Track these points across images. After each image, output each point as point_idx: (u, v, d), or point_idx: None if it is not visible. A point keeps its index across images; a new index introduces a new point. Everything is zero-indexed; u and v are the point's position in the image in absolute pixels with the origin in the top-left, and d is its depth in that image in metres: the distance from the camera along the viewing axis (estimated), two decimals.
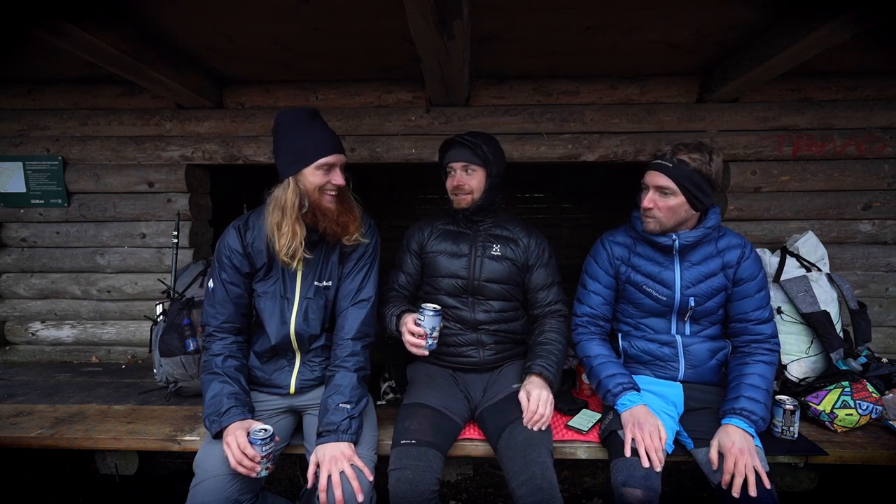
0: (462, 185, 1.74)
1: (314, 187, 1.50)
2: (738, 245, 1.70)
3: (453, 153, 1.76)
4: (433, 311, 1.54)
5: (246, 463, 1.34)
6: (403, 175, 5.79)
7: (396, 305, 1.76)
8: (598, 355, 1.73)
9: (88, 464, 2.36)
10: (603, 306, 1.82)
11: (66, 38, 1.60)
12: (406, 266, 1.89)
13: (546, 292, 1.85)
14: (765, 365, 1.62)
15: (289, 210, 1.51)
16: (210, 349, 1.61)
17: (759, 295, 1.68)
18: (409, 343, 1.58)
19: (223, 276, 1.61)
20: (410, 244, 1.90)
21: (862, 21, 1.50)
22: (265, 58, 2.11)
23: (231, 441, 1.36)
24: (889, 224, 2.40)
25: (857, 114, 2.32)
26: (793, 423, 1.66)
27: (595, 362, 1.72)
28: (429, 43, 1.56)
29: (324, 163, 1.49)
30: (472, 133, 1.76)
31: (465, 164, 1.74)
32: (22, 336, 2.70)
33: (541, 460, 1.46)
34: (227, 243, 1.62)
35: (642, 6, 1.63)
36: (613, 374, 1.65)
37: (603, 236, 1.87)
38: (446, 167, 1.80)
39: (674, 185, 1.57)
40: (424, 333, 1.54)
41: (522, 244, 1.83)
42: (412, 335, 1.57)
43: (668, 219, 1.62)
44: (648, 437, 1.46)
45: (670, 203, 1.59)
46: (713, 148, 1.60)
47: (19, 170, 2.51)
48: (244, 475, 1.36)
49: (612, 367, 1.69)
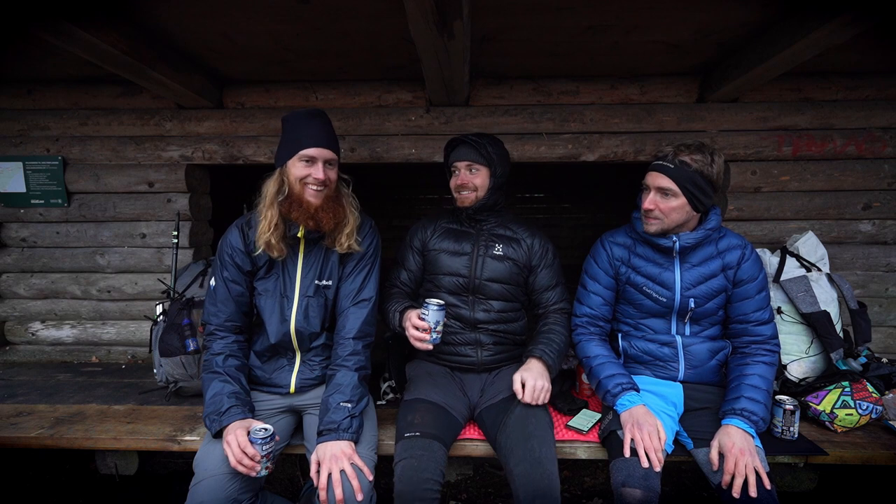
0: (466, 183, 1.75)
1: (295, 178, 1.53)
2: (739, 246, 1.70)
3: (458, 152, 1.77)
4: (437, 305, 1.56)
5: (246, 462, 1.34)
6: (403, 175, 5.80)
7: (399, 302, 1.77)
8: (597, 356, 1.73)
9: (88, 464, 2.36)
10: (603, 307, 1.81)
11: (66, 38, 1.60)
12: (408, 263, 1.90)
13: (551, 293, 1.87)
14: (765, 366, 1.62)
15: (267, 197, 1.55)
16: (211, 348, 1.61)
17: (760, 296, 1.68)
18: (414, 337, 1.59)
19: (225, 275, 1.62)
20: (413, 241, 1.91)
21: (861, 21, 1.50)
22: (265, 58, 2.11)
23: (231, 440, 1.36)
24: (889, 224, 2.40)
25: (857, 114, 2.32)
26: (793, 423, 1.66)
27: (595, 363, 1.72)
28: (429, 43, 1.56)
29: (305, 154, 1.51)
30: (478, 134, 1.78)
31: (470, 163, 1.74)
32: (22, 336, 2.70)
33: (539, 434, 1.49)
34: (229, 241, 1.63)
35: (642, 6, 1.63)
36: (613, 375, 1.65)
37: (603, 237, 1.87)
38: (451, 166, 1.81)
39: (675, 187, 1.56)
40: (429, 327, 1.56)
41: (525, 245, 1.83)
42: (416, 329, 1.58)
43: (669, 220, 1.62)
44: (647, 437, 1.46)
45: (671, 204, 1.58)
46: (715, 149, 1.59)
47: (19, 170, 2.51)
48: (244, 474, 1.36)
49: (611, 367, 1.68)
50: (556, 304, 1.87)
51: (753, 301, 1.68)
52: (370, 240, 1.71)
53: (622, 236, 1.82)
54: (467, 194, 1.77)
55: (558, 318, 1.84)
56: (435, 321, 1.56)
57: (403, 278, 1.91)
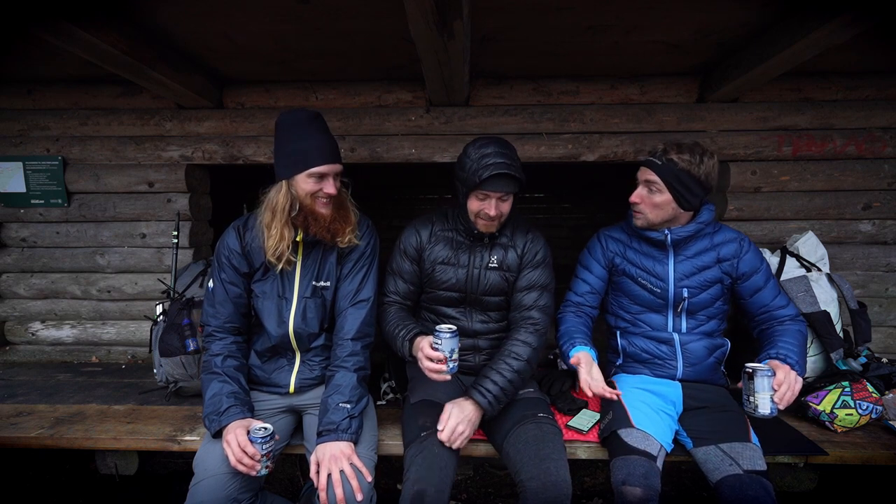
0: (498, 215, 1.60)
1: (306, 193, 1.51)
2: (735, 239, 1.74)
3: (500, 184, 1.53)
4: (450, 332, 1.45)
5: (246, 461, 1.34)
6: (403, 175, 5.79)
7: (404, 325, 1.67)
8: (566, 328, 1.77)
9: (88, 464, 2.36)
10: (589, 294, 1.86)
11: (66, 38, 1.60)
12: (403, 271, 1.79)
13: (525, 294, 1.71)
14: (794, 327, 1.67)
15: (279, 213, 1.52)
16: (210, 349, 1.61)
17: (771, 284, 1.73)
18: (429, 369, 1.47)
19: (223, 276, 1.62)
20: (406, 248, 1.78)
21: (861, 21, 1.50)
22: (265, 58, 2.11)
23: (231, 440, 1.36)
24: (889, 224, 2.40)
25: (857, 114, 2.32)
26: (753, 391, 1.44)
27: (562, 335, 1.76)
28: (429, 43, 1.56)
29: (316, 172, 1.49)
30: (506, 151, 1.54)
31: (506, 193, 1.57)
32: (22, 336, 2.70)
33: (555, 457, 1.44)
34: (226, 243, 1.63)
35: (642, 6, 1.63)
36: (572, 337, 1.70)
37: (600, 231, 1.93)
38: (480, 190, 1.56)
39: (660, 182, 1.61)
40: (444, 357, 1.45)
41: (518, 250, 1.74)
42: (431, 360, 1.46)
43: (653, 215, 1.67)
44: (586, 373, 1.53)
45: (656, 199, 1.64)
46: (707, 150, 1.61)
47: (19, 170, 2.51)
48: (244, 474, 1.36)
49: (574, 333, 1.72)
50: (525, 311, 1.69)
51: (767, 290, 1.72)
52: (368, 239, 1.71)
53: (618, 231, 1.88)
54: (494, 223, 1.63)
55: (521, 336, 1.64)
56: (450, 349, 1.45)
57: (400, 288, 1.80)
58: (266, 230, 1.54)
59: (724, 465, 1.44)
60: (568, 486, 1.39)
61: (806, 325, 1.74)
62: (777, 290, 1.74)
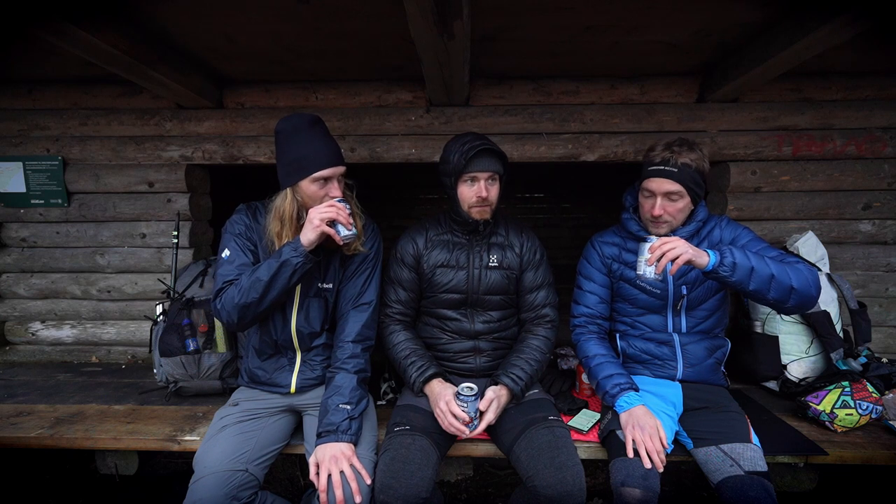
0: (489, 196, 1.63)
1: (313, 199, 1.51)
2: (714, 222, 1.76)
3: (484, 162, 1.59)
4: (473, 395, 1.48)
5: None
6: (403, 175, 5.79)
7: (416, 360, 1.67)
8: (596, 355, 1.73)
9: (88, 464, 2.36)
10: (599, 305, 1.84)
11: (66, 39, 1.60)
12: (404, 281, 1.79)
13: (535, 294, 1.78)
14: (773, 253, 1.62)
15: (287, 221, 1.53)
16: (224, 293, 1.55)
17: (756, 241, 1.67)
18: (451, 426, 1.48)
19: (239, 242, 1.60)
20: (404, 256, 1.78)
21: (861, 21, 1.50)
22: (265, 58, 2.11)
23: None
24: (889, 224, 2.40)
25: (857, 114, 2.32)
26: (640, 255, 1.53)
27: (593, 363, 1.72)
28: (429, 43, 1.56)
29: (320, 176, 1.49)
30: (483, 137, 1.64)
31: (492, 173, 1.63)
32: (22, 336, 2.70)
33: (570, 464, 1.42)
34: (241, 217, 1.65)
35: (642, 6, 1.63)
36: (611, 375, 1.66)
37: (592, 238, 1.92)
38: (467, 175, 1.62)
39: (682, 189, 1.61)
40: (470, 419, 1.48)
41: (517, 249, 1.78)
42: (456, 418, 1.48)
43: (677, 220, 1.68)
44: (649, 438, 1.46)
45: (679, 206, 1.65)
46: (696, 142, 1.66)
47: (19, 170, 2.51)
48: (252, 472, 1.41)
49: (610, 367, 1.69)
50: (539, 310, 1.78)
51: (755, 243, 1.66)
52: (372, 242, 1.71)
53: (611, 236, 1.88)
54: (487, 208, 1.66)
55: (540, 333, 1.74)
56: (475, 410, 1.49)
57: (401, 296, 1.79)
58: (277, 240, 1.54)
59: (725, 466, 1.44)
60: (583, 493, 1.39)
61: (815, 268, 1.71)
62: (765, 243, 1.67)
